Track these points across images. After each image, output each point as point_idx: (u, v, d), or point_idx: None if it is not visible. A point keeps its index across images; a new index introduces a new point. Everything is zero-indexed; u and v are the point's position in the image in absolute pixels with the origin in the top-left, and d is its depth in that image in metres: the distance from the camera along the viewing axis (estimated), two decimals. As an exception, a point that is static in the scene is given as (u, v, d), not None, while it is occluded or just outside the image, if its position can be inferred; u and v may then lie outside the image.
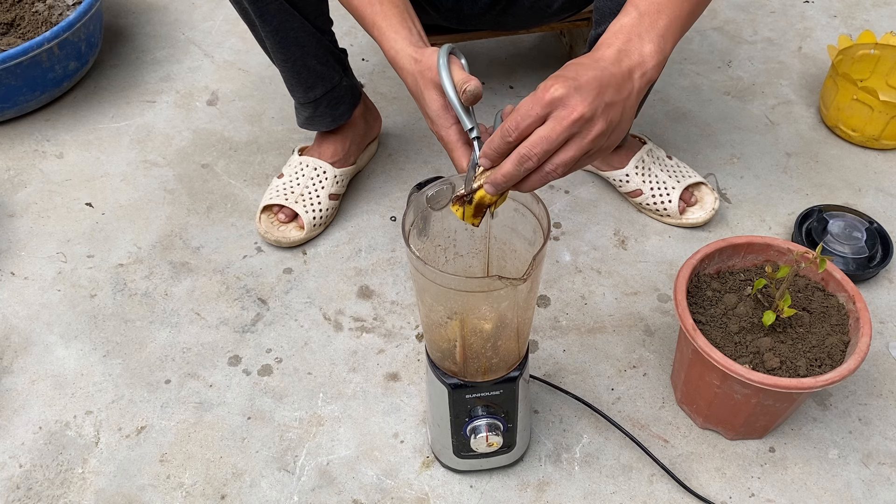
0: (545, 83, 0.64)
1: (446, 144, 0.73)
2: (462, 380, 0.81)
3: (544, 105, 0.63)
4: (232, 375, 1.03)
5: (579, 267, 1.16)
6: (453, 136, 0.72)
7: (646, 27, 0.70)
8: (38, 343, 1.07)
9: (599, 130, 0.65)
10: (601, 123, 0.65)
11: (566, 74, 0.65)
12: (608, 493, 0.91)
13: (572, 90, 0.63)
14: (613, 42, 0.69)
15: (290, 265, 1.17)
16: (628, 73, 0.68)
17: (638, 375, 1.03)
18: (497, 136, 0.65)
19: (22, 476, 0.94)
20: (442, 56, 0.71)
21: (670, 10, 0.72)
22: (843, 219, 1.15)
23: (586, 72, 0.65)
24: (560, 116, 0.63)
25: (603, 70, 0.66)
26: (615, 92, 0.67)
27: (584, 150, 0.65)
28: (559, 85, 0.63)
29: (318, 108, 1.15)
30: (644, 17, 0.71)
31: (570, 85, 0.64)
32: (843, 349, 0.87)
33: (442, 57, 0.71)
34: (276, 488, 0.92)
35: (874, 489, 0.92)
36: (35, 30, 1.43)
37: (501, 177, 0.66)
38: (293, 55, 1.07)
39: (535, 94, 0.64)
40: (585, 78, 0.65)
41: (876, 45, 1.37)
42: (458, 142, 0.72)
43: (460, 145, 0.72)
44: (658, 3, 0.71)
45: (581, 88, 0.64)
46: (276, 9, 1.00)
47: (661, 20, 0.71)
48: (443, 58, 0.71)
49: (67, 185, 1.30)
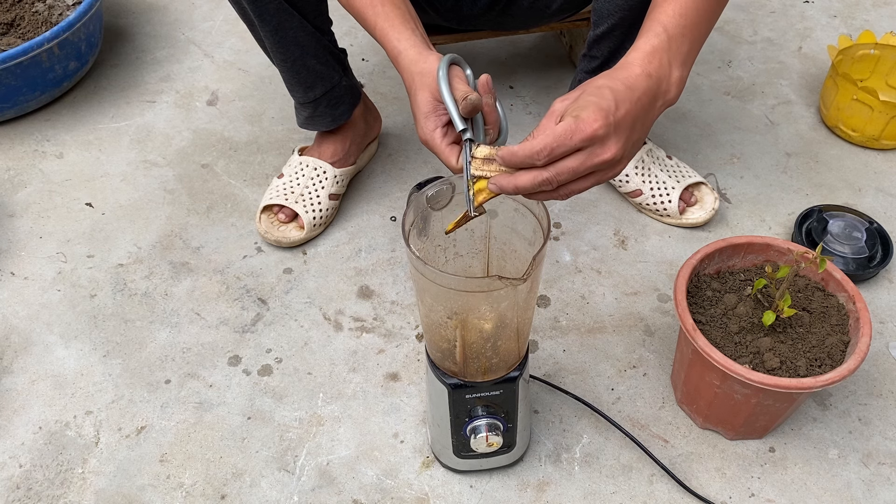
0: (587, 114, 0.63)
1: (432, 148, 0.73)
2: (462, 380, 0.81)
3: (584, 139, 0.63)
4: (232, 375, 1.03)
5: (579, 267, 1.16)
6: (437, 138, 0.72)
7: (674, 52, 0.70)
8: (38, 343, 1.07)
9: (620, 168, 0.67)
10: (625, 162, 0.67)
11: (604, 105, 0.64)
12: (608, 493, 0.91)
13: (612, 130, 0.64)
14: (646, 66, 0.69)
15: (290, 265, 1.17)
16: (654, 102, 0.69)
17: (638, 375, 1.03)
18: (525, 153, 0.64)
19: (22, 476, 0.94)
20: (443, 66, 0.72)
21: (693, 33, 0.72)
22: (843, 219, 1.15)
23: (623, 104, 0.65)
24: (594, 153, 0.64)
25: (636, 103, 0.66)
26: (642, 126, 0.67)
27: (600, 182, 0.67)
28: (601, 122, 0.63)
29: (317, 107, 1.15)
30: (673, 40, 0.70)
31: (610, 122, 0.64)
32: (843, 349, 0.87)
33: (442, 67, 0.72)
34: (276, 488, 0.92)
35: (874, 489, 0.92)
36: (35, 30, 1.43)
37: (513, 188, 0.66)
38: (292, 55, 1.07)
39: (576, 125, 0.63)
40: (622, 113, 0.65)
41: (876, 45, 1.37)
42: (441, 142, 0.72)
43: (445, 146, 0.72)
44: (684, 25, 0.71)
45: (619, 127, 0.64)
46: (275, 8, 1.00)
47: (685, 44, 0.71)
48: (443, 69, 0.72)
49: (67, 185, 1.30)
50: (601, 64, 1.08)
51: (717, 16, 0.76)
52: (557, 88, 1.44)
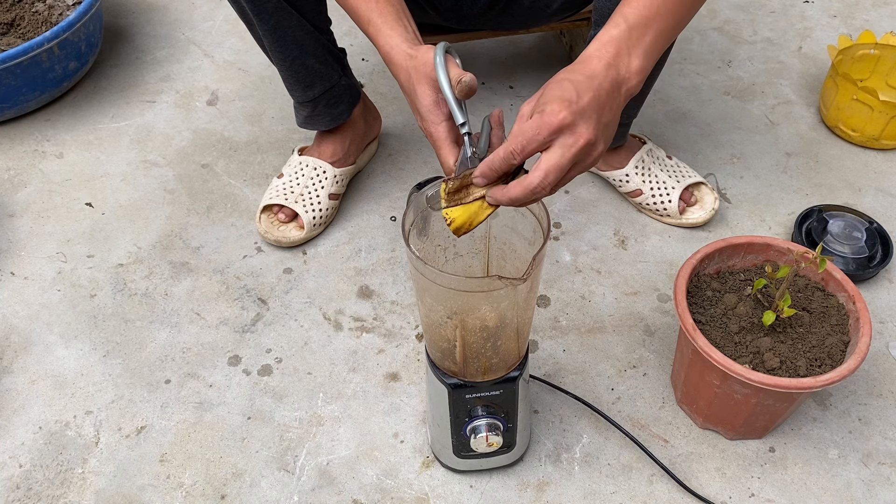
0: (551, 107, 0.64)
1: (435, 141, 0.73)
2: (462, 380, 0.81)
3: (552, 131, 0.64)
4: (232, 375, 1.03)
5: (579, 267, 1.16)
6: (442, 133, 0.72)
7: (634, 41, 0.71)
8: (38, 343, 1.07)
9: (599, 152, 0.67)
10: (601, 145, 0.67)
11: (566, 96, 0.65)
12: (608, 492, 0.91)
13: (577, 116, 0.64)
14: (603, 55, 0.69)
15: (290, 265, 1.17)
16: (617, 88, 0.69)
17: (638, 375, 1.03)
18: (499, 157, 0.66)
19: (22, 476, 0.94)
20: (438, 53, 0.71)
21: (657, 25, 0.72)
22: (842, 219, 1.15)
23: (585, 92, 0.66)
24: (567, 144, 0.64)
25: (598, 89, 0.67)
26: (609, 111, 0.68)
27: (582, 171, 0.68)
28: (566, 112, 0.64)
29: (316, 107, 1.15)
30: (633, 30, 0.71)
31: (575, 110, 0.64)
32: (843, 349, 0.87)
33: (438, 54, 0.71)
34: (276, 488, 0.92)
35: (874, 489, 0.92)
36: (35, 30, 1.43)
37: (508, 200, 0.66)
38: (291, 54, 1.07)
39: (542, 119, 0.64)
40: (586, 100, 0.65)
41: (876, 45, 1.37)
42: (446, 139, 0.72)
43: (448, 143, 0.72)
44: (646, 16, 0.71)
45: (584, 113, 0.65)
46: (274, 7, 1.00)
47: (648, 35, 0.71)
48: (439, 55, 0.71)
49: (67, 185, 1.30)
50: None
51: (692, 7, 0.76)
52: (557, 88, 1.44)
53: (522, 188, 0.65)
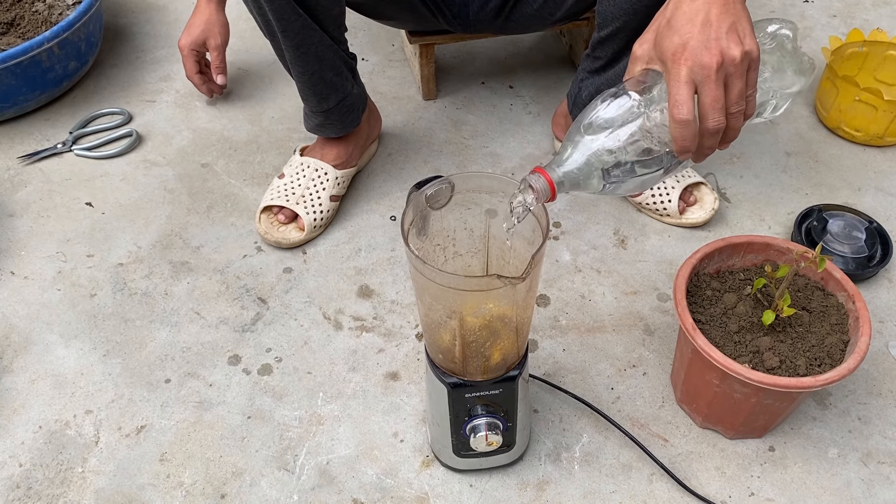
0: (676, 69, 0.66)
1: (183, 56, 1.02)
2: (462, 379, 0.81)
3: (688, 83, 0.66)
4: (232, 375, 1.04)
5: (579, 266, 1.16)
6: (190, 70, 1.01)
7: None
8: (38, 342, 1.07)
9: (750, 47, 0.68)
10: (750, 39, 0.68)
11: (674, 51, 0.67)
12: (608, 492, 0.91)
13: (690, 54, 0.66)
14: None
15: (289, 265, 1.17)
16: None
17: (637, 375, 1.03)
18: (687, 126, 0.67)
19: (22, 475, 0.94)
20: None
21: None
22: (842, 218, 1.15)
23: (696, 17, 0.67)
24: (707, 78, 0.66)
25: (690, 22, 0.68)
26: (721, 14, 0.68)
27: (753, 80, 0.69)
28: (681, 64, 0.66)
29: (329, 116, 1.15)
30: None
31: (686, 55, 0.67)
32: (843, 348, 0.87)
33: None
34: (276, 487, 0.92)
35: (874, 488, 0.92)
36: (35, 29, 1.43)
37: (735, 133, 0.69)
38: (311, 68, 1.06)
39: (677, 82, 0.66)
40: (685, 39, 0.67)
41: (864, 43, 1.37)
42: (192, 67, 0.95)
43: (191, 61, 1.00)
44: None
45: (716, 35, 0.66)
46: (300, 26, 1.00)
47: None
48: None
49: (67, 184, 1.30)
50: (605, 64, 1.08)
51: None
52: (557, 88, 1.45)
53: (710, 134, 0.68)
